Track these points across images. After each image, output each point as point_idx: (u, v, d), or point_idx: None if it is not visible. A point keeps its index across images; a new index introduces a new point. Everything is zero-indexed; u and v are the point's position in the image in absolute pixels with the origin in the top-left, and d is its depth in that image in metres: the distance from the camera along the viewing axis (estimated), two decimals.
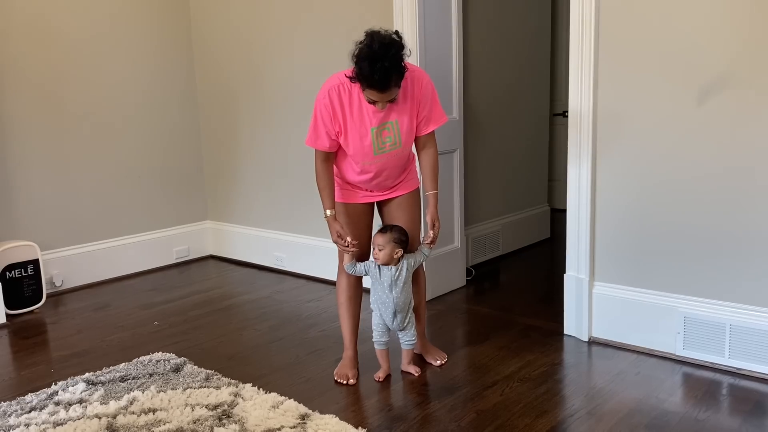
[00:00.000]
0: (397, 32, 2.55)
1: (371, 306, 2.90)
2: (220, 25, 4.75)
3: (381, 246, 2.77)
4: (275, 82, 4.48)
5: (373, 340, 2.94)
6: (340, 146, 2.75)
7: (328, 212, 2.77)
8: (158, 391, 2.79)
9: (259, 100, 4.62)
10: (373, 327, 2.92)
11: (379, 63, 2.42)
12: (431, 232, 2.79)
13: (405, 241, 2.81)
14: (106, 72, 4.50)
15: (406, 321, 2.89)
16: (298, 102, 4.33)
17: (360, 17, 3.87)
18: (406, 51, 2.53)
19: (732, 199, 2.80)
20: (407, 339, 2.93)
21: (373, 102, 2.58)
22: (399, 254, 2.79)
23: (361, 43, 2.50)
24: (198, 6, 4.87)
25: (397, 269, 2.79)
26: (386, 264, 2.79)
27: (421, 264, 2.96)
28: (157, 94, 4.80)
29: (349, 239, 2.76)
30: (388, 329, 2.91)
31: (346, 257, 2.83)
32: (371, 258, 2.85)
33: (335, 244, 2.82)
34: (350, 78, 2.58)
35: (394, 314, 2.84)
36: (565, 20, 5.75)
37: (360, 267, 2.85)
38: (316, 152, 2.76)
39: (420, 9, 3.63)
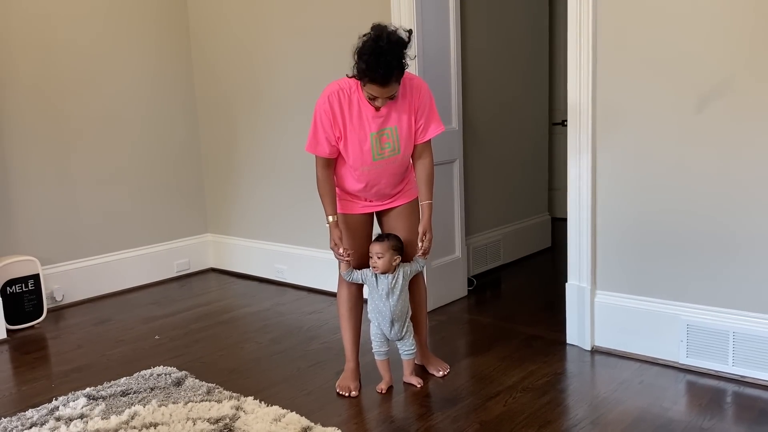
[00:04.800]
0: (410, 30, 2.61)
1: (369, 316, 2.90)
2: (218, 39, 4.77)
3: (380, 254, 2.77)
4: (274, 95, 4.50)
5: (373, 350, 2.93)
6: (339, 154, 2.76)
7: (330, 218, 2.78)
8: (159, 405, 2.77)
9: (258, 113, 4.63)
10: (372, 337, 2.91)
11: (383, 57, 2.45)
12: (420, 243, 2.79)
13: (401, 248, 2.82)
14: (106, 87, 4.52)
15: (404, 330, 2.88)
16: (297, 114, 4.34)
17: (357, 30, 3.87)
18: (410, 51, 2.58)
19: (734, 206, 2.80)
20: (406, 349, 2.92)
21: (372, 99, 2.59)
22: (397, 261, 2.80)
23: (365, 36, 2.53)
24: (197, 20, 4.89)
25: (394, 277, 2.80)
26: (385, 272, 2.79)
27: (422, 274, 2.96)
28: (157, 108, 4.81)
29: (342, 250, 2.76)
30: (387, 339, 2.90)
31: (342, 265, 2.83)
32: (369, 267, 2.85)
33: (332, 251, 2.82)
34: (351, 77, 2.61)
35: (392, 323, 2.83)
36: (563, 28, 5.76)
37: (357, 274, 2.85)
38: (317, 159, 2.77)
39: (418, 21, 3.65)
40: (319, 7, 4.13)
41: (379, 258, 2.77)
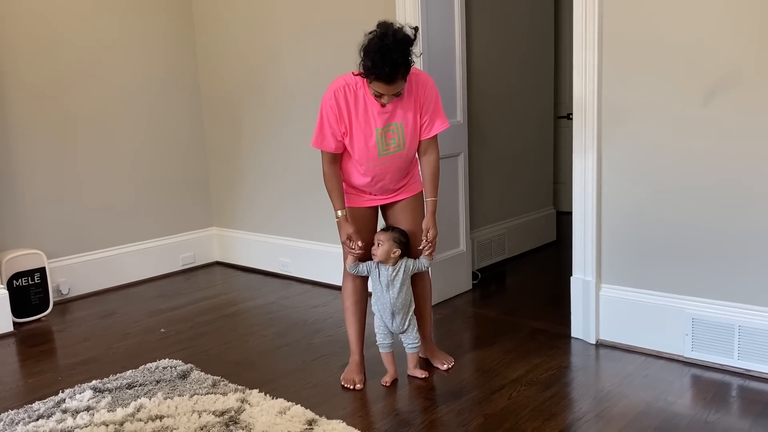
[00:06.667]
0: (416, 28, 2.60)
1: (372, 308, 2.91)
2: (223, 34, 4.77)
3: (381, 241, 2.80)
4: (278, 90, 4.49)
5: (377, 343, 2.93)
6: (345, 149, 2.76)
7: (339, 213, 2.79)
8: (165, 398, 2.79)
9: (262, 108, 4.63)
10: (376, 330, 2.92)
11: (389, 55, 2.44)
12: (424, 239, 2.79)
13: (405, 243, 2.83)
14: (111, 81, 4.52)
15: (406, 323, 2.88)
16: (301, 109, 4.34)
17: (361, 27, 3.86)
18: (416, 48, 2.56)
19: (738, 200, 2.79)
20: (410, 342, 2.93)
21: (378, 96, 2.59)
22: (396, 254, 2.80)
23: (371, 33, 2.52)
24: (201, 17, 4.89)
25: (395, 269, 2.81)
26: (383, 261, 2.80)
27: (426, 269, 2.96)
28: (163, 103, 4.81)
29: (357, 243, 2.77)
30: (391, 332, 2.91)
31: (350, 258, 2.84)
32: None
33: (343, 245, 2.83)
34: (358, 74, 2.60)
35: (392, 315, 2.85)
36: (569, 21, 5.74)
37: (362, 267, 2.87)
38: (323, 155, 2.77)
39: (423, 16, 3.64)
40: (323, 4, 4.12)
41: (379, 245, 2.79)
